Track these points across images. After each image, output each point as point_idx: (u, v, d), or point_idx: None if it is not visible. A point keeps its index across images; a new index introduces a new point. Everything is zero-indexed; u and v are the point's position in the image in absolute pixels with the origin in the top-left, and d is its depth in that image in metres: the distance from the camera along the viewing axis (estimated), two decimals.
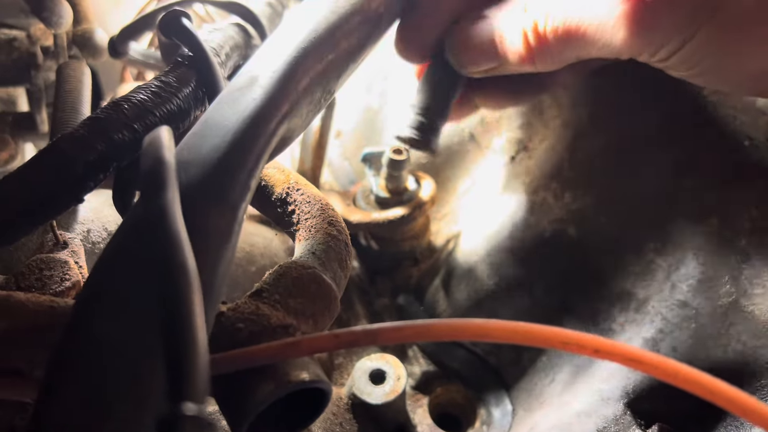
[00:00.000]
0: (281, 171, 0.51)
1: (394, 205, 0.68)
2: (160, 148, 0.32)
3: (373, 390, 0.56)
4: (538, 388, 0.61)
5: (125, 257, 0.31)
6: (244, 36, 0.58)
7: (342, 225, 0.48)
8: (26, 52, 0.70)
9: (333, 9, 0.50)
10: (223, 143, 0.37)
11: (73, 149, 0.39)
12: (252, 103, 0.40)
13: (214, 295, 0.33)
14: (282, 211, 0.49)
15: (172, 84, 0.45)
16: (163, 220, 0.29)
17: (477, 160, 0.72)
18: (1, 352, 0.35)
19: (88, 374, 0.28)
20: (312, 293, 0.41)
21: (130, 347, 0.28)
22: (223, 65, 0.52)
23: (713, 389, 0.33)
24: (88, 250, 0.50)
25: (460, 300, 0.66)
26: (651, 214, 0.57)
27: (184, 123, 0.46)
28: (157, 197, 0.30)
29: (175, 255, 0.27)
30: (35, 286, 0.41)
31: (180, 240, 0.28)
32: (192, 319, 0.25)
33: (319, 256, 0.44)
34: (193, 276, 0.27)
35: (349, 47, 0.50)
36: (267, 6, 0.66)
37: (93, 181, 0.40)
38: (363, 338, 0.36)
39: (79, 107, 0.56)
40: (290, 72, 0.43)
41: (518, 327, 0.35)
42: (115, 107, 0.42)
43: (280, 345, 0.35)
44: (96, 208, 0.53)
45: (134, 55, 0.63)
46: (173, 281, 0.26)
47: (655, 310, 0.55)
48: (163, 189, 0.30)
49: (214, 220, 0.34)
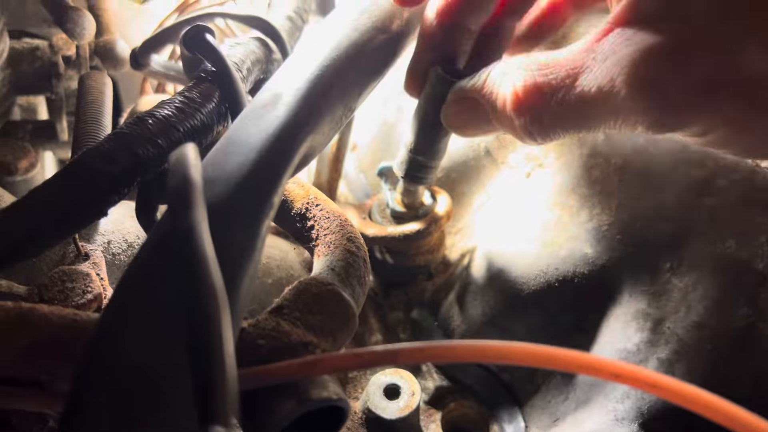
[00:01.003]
0: (300, 186, 0.52)
1: (410, 220, 0.68)
2: (187, 166, 0.33)
3: (387, 405, 0.56)
4: (551, 405, 0.61)
5: (153, 275, 0.31)
6: (264, 50, 0.58)
7: (361, 241, 0.48)
8: (48, 61, 0.71)
9: (355, 26, 0.50)
10: (247, 161, 0.37)
11: (98, 164, 0.40)
12: (276, 121, 0.40)
13: (238, 312, 0.34)
14: (301, 227, 0.49)
15: (196, 99, 0.46)
16: (192, 239, 0.29)
17: (492, 175, 0.72)
18: (24, 364, 0.36)
19: (115, 391, 0.28)
20: (331, 310, 0.41)
21: (157, 366, 0.28)
22: (244, 80, 0.53)
23: (734, 417, 0.33)
24: (109, 261, 0.50)
25: (474, 316, 0.66)
26: (668, 233, 0.57)
27: (207, 138, 0.46)
28: (184, 216, 0.30)
29: (204, 275, 0.27)
30: (57, 298, 0.42)
31: (208, 260, 0.28)
32: (221, 342, 0.25)
33: (338, 273, 0.44)
34: (221, 297, 0.27)
35: (370, 65, 0.51)
36: (287, 20, 0.67)
37: (117, 195, 0.41)
38: (383, 358, 0.36)
39: (101, 118, 0.57)
40: (313, 89, 0.44)
41: (539, 350, 0.35)
42: (140, 122, 0.43)
43: (301, 363, 0.35)
44: (116, 220, 0.54)
45: (155, 67, 0.64)
46: (202, 303, 0.26)
47: (671, 330, 0.55)
48: (191, 208, 0.30)
49: (239, 237, 0.34)
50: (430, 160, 0.59)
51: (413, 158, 0.60)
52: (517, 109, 0.43)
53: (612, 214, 0.60)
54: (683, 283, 0.55)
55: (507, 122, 0.45)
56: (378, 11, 0.52)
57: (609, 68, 0.39)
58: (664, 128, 0.40)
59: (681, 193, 0.57)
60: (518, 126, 0.44)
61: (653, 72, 0.38)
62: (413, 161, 0.60)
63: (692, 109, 0.38)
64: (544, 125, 0.43)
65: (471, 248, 0.71)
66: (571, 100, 0.41)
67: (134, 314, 0.30)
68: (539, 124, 0.43)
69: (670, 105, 0.38)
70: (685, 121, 0.39)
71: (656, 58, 0.38)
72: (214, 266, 0.28)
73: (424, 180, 0.61)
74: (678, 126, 0.39)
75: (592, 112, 0.41)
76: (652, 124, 0.39)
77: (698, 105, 0.38)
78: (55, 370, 0.36)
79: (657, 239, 0.57)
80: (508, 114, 0.44)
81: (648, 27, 0.38)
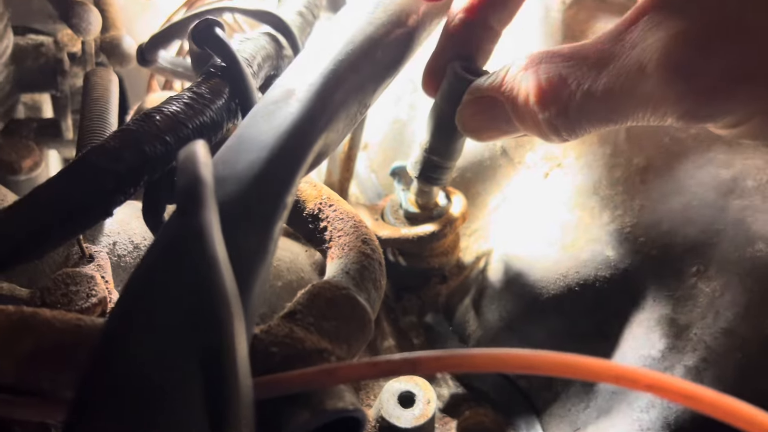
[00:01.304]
0: (313, 186, 0.50)
1: (424, 221, 0.66)
2: (198, 163, 0.31)
3: (402, 414, 0.54)
4: (571, 414, 0.59)
5: (161, 278, 0.29)
6: (275, 46, 0.56)
7: (375, 243, 0.46)
8: (53, 58, 0.70)
9: (370, 20, 0.48)
10: (259, 159, 0.35)
11: (103, 161, 0.38)
12: (289, 117, 0.38)
13: (251, 318, 0.32)
14: (314, 228, 0.48)
15: (205, 95, 0.44)
16: (203, 240, 0.27)
17: (509, 175, 0.70)
18: (26, 371, 0.34)
19: (121, 401, 0.26)
20: (346, 315, 0.39)
21: (165, 374, 0.26)
22: (255, 76, 0.51)
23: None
24: (114, 263, 0.49)
25: (491, 321, 0.64)
26: (693, 236, 0.55)
27: (216, 135, 0.45)
28: (195, 216, 0.28)
29: (216, 279, 0.26)
30: (61, 302, 0.40)
31: (220, 263, 0.27)
32: (235, 350, 0.24)
33: (353, 276, 0.43)
34: (234, 303, 0.25)
35: (386, 59, 0.49)
36: (298, 16, 0.65)
37: (123, 194, 0.39)
38: (402, 367, 0.34)
39: (106, 116, 0.56)
40: (327, 85, 0.42)
41: (567, 360, 0.33)
42: (147, 119, 0.41)
43: (316, 372, 0.33)
44: (122, 220, 0.52)
45: (163, 63, 0.62)
46: (215, 308, 0.25)
47: (698, 337, 0.53)
48: (202, 208, 0.28)
49: (251, 238, 0.32)
50: (446, 160, 0.58)
51: (428, 158, 0.58)
52: (542, 101, 0.41)
53: (635, 215, 0.58)
54: (710, 288, 0.53)
55: (530, 118, 0.43)
56: (393, 5, 0.50)
57: (639, 55, 0.37)
58: (696, 118, 0.38)
59: (707, 194, 0.55)
60: (542, 121, 0.42)
61: (686, 57, 0.36)
62: (428, 161, 0.58)
63: (727, 97, 0.36)
64: (570, 118, 0.41)
65: (487, 251, 0.69)
66: (599, 91, 0.39)
67: (141, 320, 0.28)
68: (565, 117, 0.41)
69: (703, 92, 0.36)
70: (719, 109, 0.37)
71: (690, 43, 0.36)
72: (226, 269, 0.27)
73: (439, 181, 0.60)
74: (711, 115, 0.38)
75: (621, 102, 0.39)
76: (684, 114, 0.38)
77: (733, 92, 0.36)
78: (57, 377, 0.34)
79: (682, 242, 0.55)
80: (531, 108, 0.42)
81: (679, 13, 0.37)
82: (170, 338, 0.27)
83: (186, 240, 0.28)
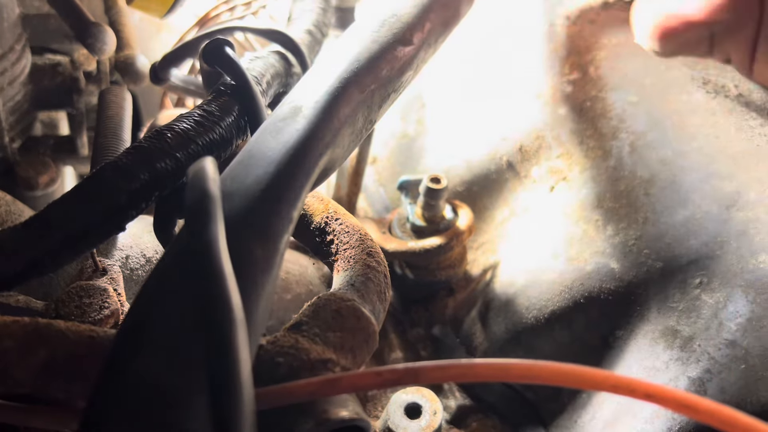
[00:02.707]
0: (320, 199, 0.51)
1: (431, 234, 0.67)
2: (206, 179, 0.32)
3: (408, 425, 0.54)
4: (577, 425, 0.59)
5: (169, 291, 0.30)
6: (284, 64, 0.58)
7: (381, 256, 0.47)
8: (69, 77, 0.71)
9: (375, 38, 0.49)
10: (266, 174, 0.36)
11: (117, 178, 0.39)
12: (295, 134, 0.39)
13: (256, 330, 0.33)
14: (320, 241, 0.49)
15: (215, 113, 0.45)
16: (209, 255, 0.28)
17: (515, 189, 0.71)
18: (41, 381, 0.35)
19: (131, 411, 0.27)
20: (351, 327, 0.40)
21: (173, 385, 0.27)
22: (264, 93, 0.52)
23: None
24: (126, 276, 0.50)
25: (497, 333, 0.65)
26: (697, 248, 0.55)
27: (225, 152, 0.46)
28: (202, 231, 0.29)
29: (219, 292, 0.27)
30: (74, 314, 0.41)
31: (225, 276, 0.28)
32: (237, 361, 0.25)
33: (358, 288, 0.43)
34: (238, 315, 0.26)
35: (391, 77, 0.50)
36: (307, 34, 0.66)
37: (136, 209, 0.40)
38: (405, 377, 0.35)
39: (121, 133, 0.57)
40: (333, 102, 0.43)
41: (566, 369, 0.34)
42: (159, 136, 0.42)
43: (320, 382, 0.34)
44: (134, 234, 0.53)
45: (175, 81, 0.64)
46: (218, 320, 0.26)
47: (702, 348, 0.53)
48: (209, 223, 0.29)
49: (257, 252, 0.33)
50: None
51: None
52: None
53: (639, 228, 0.58)
54: (713, 300, 0.54)
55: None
56: (399, 24, 0.51)
57: None
58: None
59: (710, 207, 0.55)
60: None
61: None
62: None
63: None
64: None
65: (493, 264, 0.70)
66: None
67: (150, 332, 0.29)
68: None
69: None
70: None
71: None
72: (231, 282, 0.28)
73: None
74: None
75: None
76: None
77: None
78: (71, 387, 0.35)
79: (686, 254, 0.56)
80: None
81: None
82: (178, 350, 0.28)
83: (193, 254, 0.29)
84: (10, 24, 0.62)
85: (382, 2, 0.53)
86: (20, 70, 0.66)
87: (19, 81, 0.66)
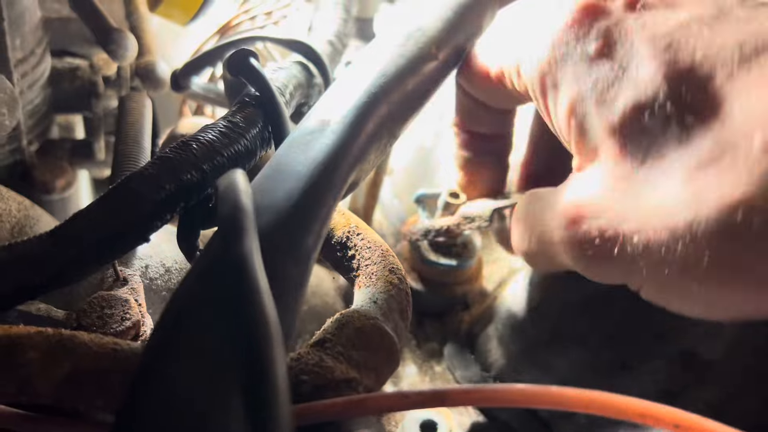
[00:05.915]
0: (341, 213, 0.51)
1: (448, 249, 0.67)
2: (239, 192, 0.32)
3: None
4: None
5: (200, 306, 0.30)
6: (306, 75, 0.58)
7: (402, 273, 0.47)
8: (88, 81, 0.71)
9: (401, 53, 0.49)
10: (296, 189, 0.36)
11: (143, 189, 0.39)
12: (325, 149, 0.39)
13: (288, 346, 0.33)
14: (342, 256, 0.48)
15: (240, 124, 0.45)
16: (245, 269, 0.28)
17: None
18: (63, 393, 0.35)
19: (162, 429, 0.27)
20: (375, 345, 0.40)
21: (206, 404, 0.27)
22: (287, 105, 0.52)
23: None
24: (146, 286, 0.49)
25: (512, 350, 0.64)
26: None
27: (249, 163, 0.46)
28: (237, 244, 0.29)
29: (258, 308, 0.26)
30: (96, 325, 0.41)
31: (262, 292, 0.27)
32: (279, 382, 0.24)
33: (380, 306, 0.43)
34: (276, 332, 0.26)
35: (416, 92, 0.50)
36: (328, 45, 0.66)
37: (161, 220, 0.40)
38: (431, 400, 0.34)
39: (141, 140, 0.57)
40: (360, 117, 0.43)
41: (595, 396, 0.34)
42: (184, 147, 0.42)
43: (346, 402, 0.34)
44: (154, 244, 0.53)
45: (195, 89, 0.64)
46: (258, 339, 0.25)
47: (720, 373, 0.53)
48: (244, 236, 0.29)
49: (290, 269, 0.33)
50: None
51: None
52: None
53: None
54: (733, 322, 0.53)
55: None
56: (425, 38, 0.51)
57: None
58: None
59: None
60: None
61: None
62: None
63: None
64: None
65: (509, 279, 0.69)
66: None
67: (181, 348, 0.29)
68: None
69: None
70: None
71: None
72: (268, 297, 0.27)
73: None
74: None
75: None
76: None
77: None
78: (93, 400, 0.35)
79: None
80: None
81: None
82: (211, 368, 0.28)
83: (228, 267, 0.28)
84: (31, 27, 0.62)
85: (407, 16, 0.53)
86: (40, 74, 0.66)
87: (38, 84, 0.66)
